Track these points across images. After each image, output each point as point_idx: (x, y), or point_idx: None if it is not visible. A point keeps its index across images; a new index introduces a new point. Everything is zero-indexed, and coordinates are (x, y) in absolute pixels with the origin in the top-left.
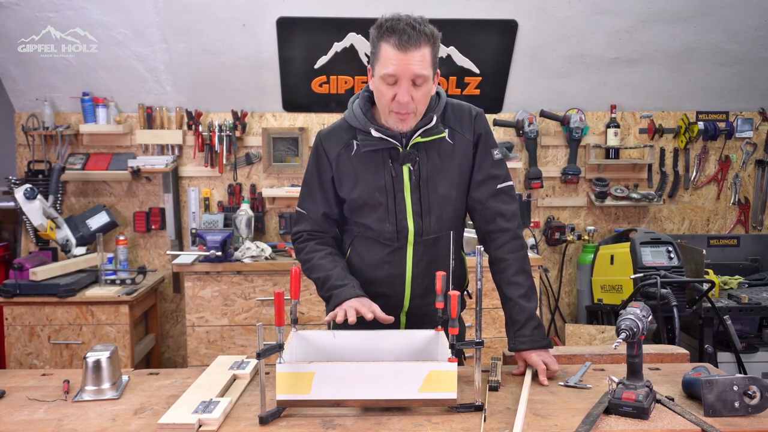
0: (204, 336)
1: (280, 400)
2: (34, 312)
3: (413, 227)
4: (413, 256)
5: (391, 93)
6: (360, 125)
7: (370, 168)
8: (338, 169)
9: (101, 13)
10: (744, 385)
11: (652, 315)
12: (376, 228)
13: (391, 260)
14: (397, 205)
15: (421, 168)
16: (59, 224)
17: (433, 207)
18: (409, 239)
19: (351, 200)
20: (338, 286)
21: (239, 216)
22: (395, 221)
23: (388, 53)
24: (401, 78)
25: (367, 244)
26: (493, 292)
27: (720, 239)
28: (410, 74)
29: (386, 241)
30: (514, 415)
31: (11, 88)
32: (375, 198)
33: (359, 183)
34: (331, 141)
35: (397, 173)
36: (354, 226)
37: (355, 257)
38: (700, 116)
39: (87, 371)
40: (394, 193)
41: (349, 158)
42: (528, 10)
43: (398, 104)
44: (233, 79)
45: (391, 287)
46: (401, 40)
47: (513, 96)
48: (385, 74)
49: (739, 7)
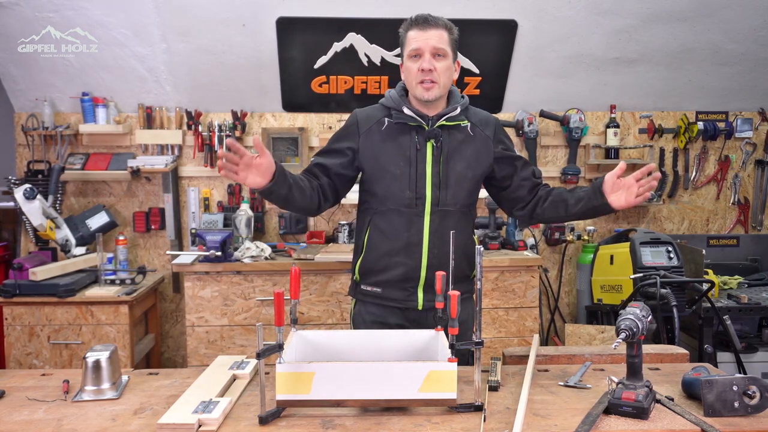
0: (204, 336)
1: (280, 400)
2: (34, 312)
3: (431, 196)
4: (430, 225)
5: (417, 66)
6: (394, 104)
7: (397, 141)
8: (367, 140)
9: (101, 13)
10: (744, 385)
11: (651, 315)
12: (396, 195)
13: (410, 228)
14: (418, 174)
15: (443, 146)
16: (59, 224)
17: (450, 182)
18: (426, 208)
19: (377, 166)
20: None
21: (239, 216)
22: (415, 188)
23: (411, 35)
24: (423, 50)
25: (386, 216)
26: (493, 291)
27: (720, 239)
28: (430, 47)
29: (404, 208)
30: (514, 415)
31: (11, 88)
32: (399, 166)
33: (386, 152)
34: (366, 117)
35: (421, 147)
36: (372, 201)
37: (375, 232)
38: (700, 116)
39: (87, 371)
40: (416, 164)
41: (379, 132)
42: (528, 10)
43: (422, 72)
44: (233, 79)
45: (409, 255)
46: (418, 21)
47: (513, 96)
48: (411, 50)
49: (739, 7)
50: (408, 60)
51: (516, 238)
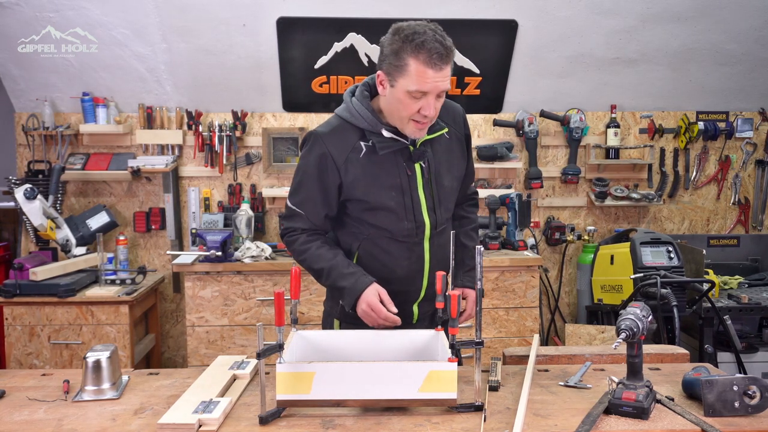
0: (204, 336)
1: (280, 400)
2: (34, 312)
3: (429, 221)
4: (430, 249)
5: (416, 106)
6: (369, 126)
7: (384, 169)
8: (348, 174)
9: (101, 13)
10: (744, 385)
11: (652, 315)
12: (393, 227)
13: (410, 256)
14: (413, 202)
15: (430, 164)
16: (59, 224)
17: (441, 200)
18: (426, 233)
19: (366, 203)
20: (347, 275)
21: (239, 216)
22: (413, 218)
23: (419, 70)
24: (430, 93)
25: (381, 244)
26: (494, 292)
27: (720, 239)
28: (438, 90)
29: (404, 239)
30: (514, 415)
31: (11, 88)
32: (392, 197)
33: (374, 185)
34: (336, 144)
35: (411, 172)
36: (363, 228)
37: (368, 258)
38: (700, 116)
39: (87, 371)
40: (410, 192)
41: (359, 161)
42: (528, 10)
43: (423, 116)
44: (233, 79)
45: (411, 283)
46: (432, 58)
47: (513, 96)
48: (415, 90)
49: (739, 7)
50: (406, 95)
51: (516, 238)
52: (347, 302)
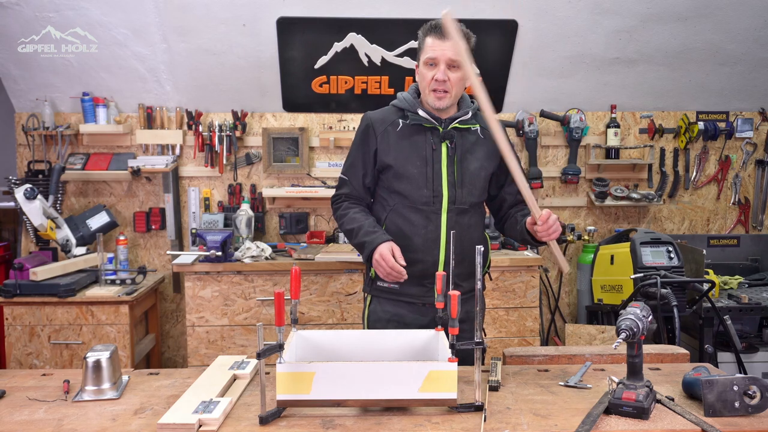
0: (204, 336)
1: (280, 400)
2: (34, 312)
3: (447, 194)
4: (447, 222)
5: (431, 74)
6: (408, 106)
7: (413, 142)
8: (384, 141)
9: (101, 13)
10: (744, 385)
11: (652, 315)
12: (414, 194)
13: (427, 225)
14: (434, 173)
15: (457, 147)
16: (59, 224)
17: (465, 180)
18: (443, 205)
19: (394, 166)
20: (370, 233)
21: (239, 216)
22: (432, 187)
23: (429, 42)
24: (439, 61)
25: (404, 213)
26: (494, 292)
27: (720, 239)
28: (446, 58)
29: (422, 206)
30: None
31: (11, 88)
32: (416, 166)
33: (402, 153)
34: (379, 120)
35: (437, 147)
36: (390, 198)
37: (392, 227)
38: (700, 116)
39: (87, 371)
40: (432, 164)
41: (395, 133)
42: (528, 10)
43: (436, 82)
44: (233, 79)
45: (427, 252)
46: (437, 31)
47: (513, 96)
48: (427, 58)
49: (739, 7)
50: (423, 66)
51: None
52: (365, 253)
